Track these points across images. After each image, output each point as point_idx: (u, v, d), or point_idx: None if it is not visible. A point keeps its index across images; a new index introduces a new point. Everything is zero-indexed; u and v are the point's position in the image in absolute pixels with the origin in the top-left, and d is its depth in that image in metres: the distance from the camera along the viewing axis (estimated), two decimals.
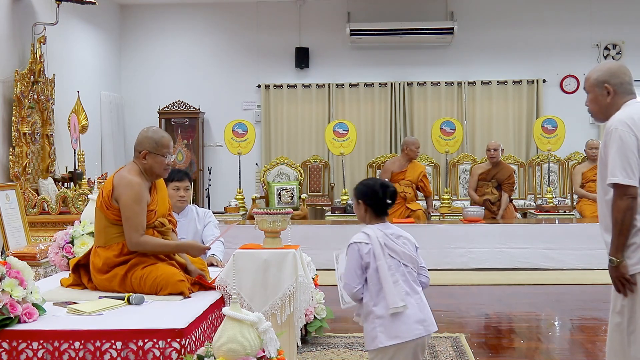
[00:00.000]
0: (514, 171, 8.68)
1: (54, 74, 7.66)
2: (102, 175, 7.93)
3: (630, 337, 2.79)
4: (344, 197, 8.94)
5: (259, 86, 10.57)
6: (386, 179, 7.93)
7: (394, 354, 2.98)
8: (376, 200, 3.16)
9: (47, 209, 6.47)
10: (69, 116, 7.86)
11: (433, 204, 8.49)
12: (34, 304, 2.79)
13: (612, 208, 2.79)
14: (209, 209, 5.82)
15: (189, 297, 3.27)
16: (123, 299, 3.10)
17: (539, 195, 9.57)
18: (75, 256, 3.99)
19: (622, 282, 2.80)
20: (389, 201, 3.17)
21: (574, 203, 8.81)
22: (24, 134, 6.98)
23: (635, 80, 9.18)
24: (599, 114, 2.99)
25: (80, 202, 6.45)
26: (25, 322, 2.72)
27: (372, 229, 3.13)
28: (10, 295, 2.68)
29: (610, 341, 2.90)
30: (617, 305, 2.85)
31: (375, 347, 2.99)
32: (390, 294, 2.99)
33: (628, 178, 2.75)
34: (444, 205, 8.74)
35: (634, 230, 2.78)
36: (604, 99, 2.94)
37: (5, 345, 2.63)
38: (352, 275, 3.07)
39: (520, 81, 10.38)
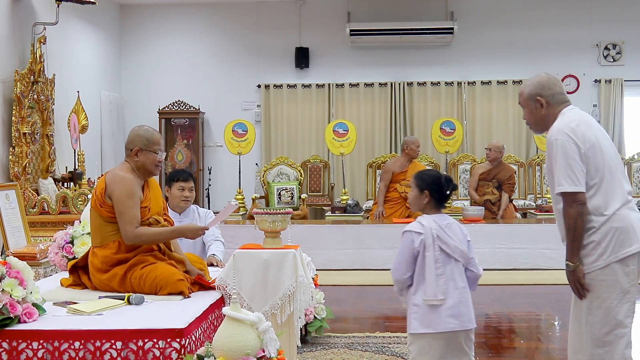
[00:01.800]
0: (515, 171, 8.67)
1: (54, 74, 7.66)
2: (102, 175, 7.93)
3: (588, 334, 2.87)
4: (344, 197, 8.94)
5: (259, 86, 10.57)
6: (388, 180, 7.98)
7: (427, 342, 3.09)
8: (440, 191, 3.25)
9: (47, 209, 6.47)
10: (69, 116, 7.86)
11: None
12: (34, 304, 2.79)
13: (564, 216, 2.90)
14: (209, 209, 5.82)
15: (188, 297, 3.28)
16: (123, 299, 3.10)
17: (539, 195, 9.57)
18: (75, 256, 4.00)
19: (576, 286, 2.92)
20: (449, 193, 3.28)
21: None
22: (24, 134, 6.98)
23: (634, 81, 9.16)
24: (537, 126, 3.07)
25: (80, 202, 6.45)
26: (25, 322, 2.72)
27: (427, 220, 3.18)
28: (10, 295, 2.68)
29: (570, 339, 2.99)
30: (576, 306, 2.96)
31: (410, 332, 3.14)
32: (430, 286, 3.09)
33: (574, 185, 2.84)
34: None
35: (591, 231, 2.87)
36: (539, 112, 3.02)
37: (5, 345, 2.63)
38: (402, 262, 3.15)
39: (520, 81, 10.37)
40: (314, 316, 4.59)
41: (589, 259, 2.89)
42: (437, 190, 3.25)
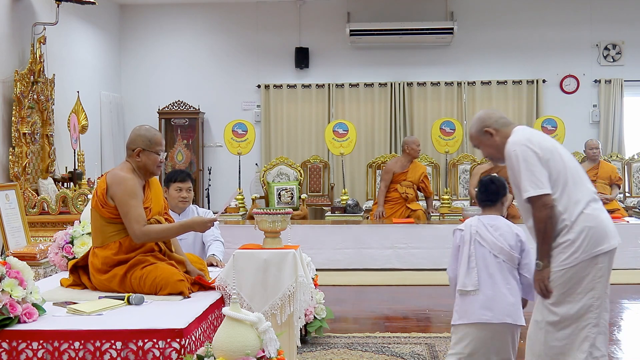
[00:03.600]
0: None
1: (54, 74, 7.66)
2: (102, 175, 7.92)
3: (549, 328, 2.97)
4: (344, 197, 8.93)
5: (259, 86, 10.57)
6: (389, 180, 7.97)
7: (463, 334, 3.33)
8: (482, 193, 3.62)
9: (46, 209, 6.47)
10: (69, 116, 7.86)
11: (433, 204, 8.48)
12: (34, 304, 2.79)
13: (533, 220, 2.98)
14: (209, 209, 5.82)
15: (188, 297, 3.27)
16: (123, 299, 3.10)
17: None
18: (75, 256, 4.00)
19: (541, 286, 2.99)
20: (484, 197, 3.61)
21: None
22: (24, 134, 6.98)
23: (634, 81, 9.16)
24: (498, 154, 3.17)
25: (80, 202, 6.44)
26: (25, 322, 2.72)
27: (473, 219, 3.50)
28: (10, 295, 2.68)
29: (530, 333, 3.08)
30: (540, 301, 3.04)
31: (451, 323, 3.42)
32: (462, 276, 3.38)
33: (538, 189, 2.93)
34: (444, 205, 8.73)
35: (565, 230, 2.95)
36: (493, 141, 3.16)
37: (5, 345, 2.63)
38: (451, 258, 3.50)
39: (520, 81, 10.39)
40: (314, 316, 4.59)
41: (562, 256, 2.96)
42: (480, 192, 3.63)
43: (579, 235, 2.93)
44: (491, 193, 3.66)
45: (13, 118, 6.91)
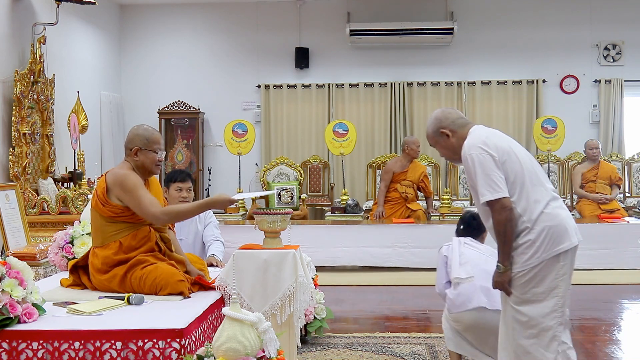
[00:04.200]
0: None
1: (54, 74, 7.66)
2: (102, 175, 7.92)
3: (516, 326, 3.00)
4: (344, 197, 8.93)
5: (259, 86, 10.57)
6: (389, 180, 7.97)
7: (459, 319, 3.68)
8: (459, 231, 4.02)
9: (47, 209, 6.47)
10: (69, 116, 7.86)
11: (433, 204, 8.48)
12: (34, 304, 2.79)
13: (493, 222, 2.99)
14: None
15: (188, 297, 3.27)
16: (123, 299, 3.10)
17: None
18: (75, 257, 4.00)
19: (500, 287, 3.04)
20: (465, 233, 3.97)
21: (574, 203, 8.80)
22: (24, 134, 6.98)
23: (634, 81, 9.18)
24: (454, 155, 3.19)
25: (80, 202, 6.44)
26: (25, 322, 2.72)
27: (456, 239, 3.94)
28: (10, 295, 2.68)
29: (500, 333, 3.11)
30: (505, 301, 3.08)
31: (446, 314, 3.77)
32: (455, 268, 3.70)
33: (496, 192, 2.94)
34: (444, 205, 8.72)
35: (525, 231, 2.97)
36: (449, 142, 3.16)
37: (5, 345, 2.63)
38: (438, 273, 3.86)
39: (520, 81, 10.38)
40: (314, 316, 4.59)
41: (524, 257, 2.97)
42: (462, 228, 4.01)
43: (539, 234, 2.94)
44: (473, 229, 3.96)
45: (13, 118, 6.92)
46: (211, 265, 4.20)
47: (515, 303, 2.99)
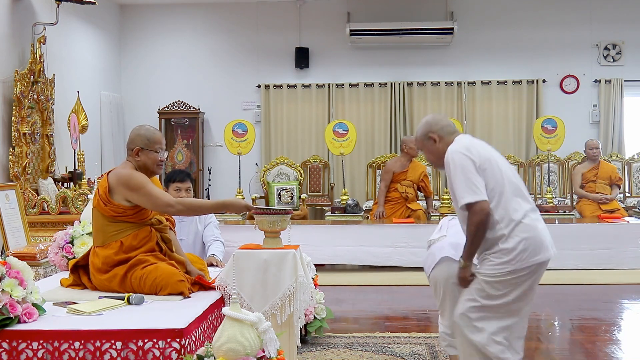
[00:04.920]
0: None
1: (54, 74, 7.66)
2: (102, 175, 7.92)
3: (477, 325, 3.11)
4: (344, 197, 8.92)
5: (259, 86, 10.57)
6: (389, 180, 7.97)
7: (434, 277, 3.56)
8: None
9: (47, 209, 6.47)
10: (69, 116, 7.86)
11: (433, 204, 8.48)
12: (34, 304, 2.79)
13: (467, 222, 3.07)
14: None
15: (188, 297, 3.27)
16: (123, 299, 3.10)
17: (539, 195, 9.56)
18: (75, 256, 4.00)
19: (461, 282, 3.17)
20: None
21: (574, 203, 8.80)
22: (24, 134, 6.98)
23: (634, 81, 9.18)
24: (439, 160, 3.25)
25: (80, 202, 6.45)
26: (25, 322, 2.72)
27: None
28: (10, 295, 2.68)
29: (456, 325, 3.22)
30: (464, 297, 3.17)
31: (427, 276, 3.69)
32: (433, 234, 3.79)
33: (475, 195, 3.01)
34: (444, 205, 8.72)
35: (502, 239, 3.05)
36: (435, 147, 3.24)
37: (5, 345, 2.63)
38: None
39: (520, 81, 10.38)
40: (314, 316, 4.59)
41: (498, 260, 3.05)
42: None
43: (516, 245, 3.02)
44: None
45: (13, 118, 6.92)
46: (211, 265, 4.20)
47: (480, 296, 3.09)
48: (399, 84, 10.44)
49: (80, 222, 4.21)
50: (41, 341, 2.63)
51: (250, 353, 2.43)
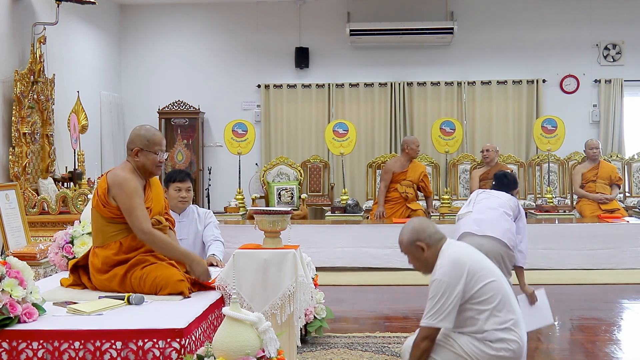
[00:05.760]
0: (512, 171, 8.67)
1: (54, 74, 7.66)
2: (102, 175, 7.91)
3: None
4: (344, 197, 8.93)
5: (259, 86, 10.57)
6: (388, 180, 7.97)
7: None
8: (493, 187, 4.92)
9: (47, 209, 6.47)
10: (69, 116, 7.85)
11: (433, 204, 8.48)
12: (34, 304, 2.79)
13: (413, 345, 3.07)
14: (209, 209, 5.82)
15: (188, 297, 3.27)
16: (123, 299, 3.10)
17: (539, 195, 9.57)
18: (75, 256, 4.00)
19: None
20: (497, 188, 4.87)
21: (574, 203, 8.80)
22: (24, 134, 6.98)
23: (634, 81, 9.22)
24: (424, 268, 3.22)
25: (80, 202, 6.45)
26: (25, 322, 2.72)
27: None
28: (10, 295, 2.68)
29: None
30: None
31: None
32: (462, 209, 4.73)
33: (433, 320, 3.00)
34: (443, 205, 8.73)
35: (485, 344, 3.03)
36: (422, 255, 3.19)
37: (5, 345, 2.63)
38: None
39: (520, 81, 10.38)
40: (314, 316, 4.59)
41: (478, 346, 3.04)
42: (494, 184, 4.88)
43: (500, 349, 3.03)
44: (504, 185, 4.76)
45: (13, 118, 6.91)
46: (211, 265, 4.19)
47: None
48: (399, 84, 10.44)
49: (80, 222, 4.20)
50: (41, 341, 2.63)
51: (250, 353, 2.43)
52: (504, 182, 4.78)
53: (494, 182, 4.87)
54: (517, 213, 4.64)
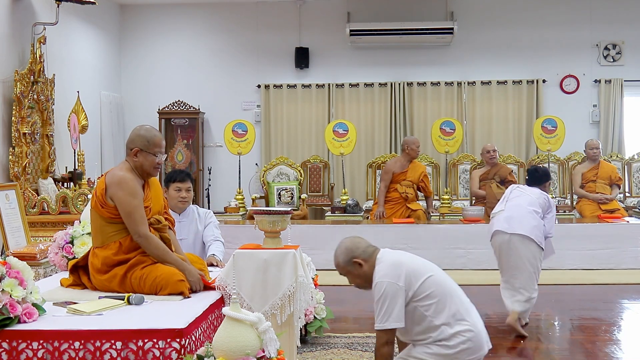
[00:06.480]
0: (512, 171, 8.68)
1: (54, 74, 7.66)
2: (101, 175, 7.91)
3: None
4: (344, 197, 8.93)
5: (259, 86, 10.57)
6: (388, 180, 7.98)
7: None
8: (526, 181, 5.36)
9: (47, 209, 6.47)
10: (69, 116, 7.86)
11: (433, 204, 8.48)
12: (34, 304, 2.79)
13: (375, 349, 3.14)
14: (209, 209, 5.82)
15: (188, 297, 3.27)
16: (123, 299, 3.10)
17: None
18: (75, 256, 3.99)
19: None
20: (529, 183, 5.26)
21: (574, 203, 8.80)
22: (24, 134, 6.98)
23: (634, 81, 9.20)
24: (366, 284, 3.26)
25: (80, 202, 6.45)
26: (25, 322, 2.71)
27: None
28: (10, 295, 2.68)
29: None
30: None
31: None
32: (496, 207, 5.14)
33: (384, 322, 3.07)
34: (444, 205, 8.73)
35: (443, 341, 3.09)
36: (361, 271, 3.24)
37: (5, 345, 2.63)
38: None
39: (520, 81, 10.38)
40: (314, 316, 4.59)
41: (439, 349, 3.09)
42: (527, 178, 5.25)
43: (457, 345, 3.07)
44: (535, 179, 5.06)
45: (13, 118, 6.91)
46: (211, 265, 4.19)
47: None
48: (399, 84, 10.44)
49: (80, 222, 4.20)
50: (41, 341, 2.63)
51: (250, 353, 2.43)
52: (536, 177, 5.06)
53: (527, 177, 5.24)
54: (547, 208, 4.92)
